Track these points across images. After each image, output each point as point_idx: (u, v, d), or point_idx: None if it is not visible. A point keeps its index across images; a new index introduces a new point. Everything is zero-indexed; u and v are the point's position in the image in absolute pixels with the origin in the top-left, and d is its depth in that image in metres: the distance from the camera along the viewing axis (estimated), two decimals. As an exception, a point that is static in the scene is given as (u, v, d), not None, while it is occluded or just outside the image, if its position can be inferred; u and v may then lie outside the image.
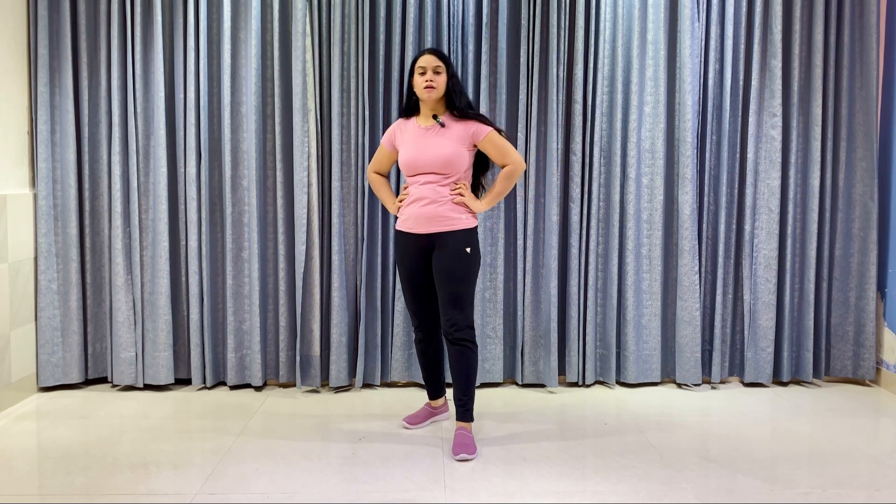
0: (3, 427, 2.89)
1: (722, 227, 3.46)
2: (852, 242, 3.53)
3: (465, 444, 2.62)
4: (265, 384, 3.44)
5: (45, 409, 3.10)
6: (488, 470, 2.50)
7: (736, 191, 3.49)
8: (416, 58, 2.73)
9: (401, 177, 3.29)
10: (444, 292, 2.70)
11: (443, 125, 2.70)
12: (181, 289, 3.40)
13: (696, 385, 3.48)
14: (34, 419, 2.99)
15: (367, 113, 3.30)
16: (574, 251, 3.41)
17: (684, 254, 3.41)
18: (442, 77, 2.68)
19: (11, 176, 3.16)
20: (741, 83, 3.43)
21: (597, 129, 3.37)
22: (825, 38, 3.43)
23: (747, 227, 3.47)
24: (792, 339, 3.54)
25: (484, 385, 3.47)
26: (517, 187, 3.37)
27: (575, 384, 3.48)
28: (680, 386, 3.50)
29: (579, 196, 3.39)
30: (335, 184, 3.32)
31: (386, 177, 2.98)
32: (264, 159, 3.36)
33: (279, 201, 3.33)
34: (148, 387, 3.38)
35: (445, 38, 3.31)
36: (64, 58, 3.24)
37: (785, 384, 3.56)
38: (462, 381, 2.71)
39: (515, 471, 2.49)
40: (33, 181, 3.29)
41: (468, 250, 2.69)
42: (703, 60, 3.41)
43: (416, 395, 3.31)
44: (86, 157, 3.31)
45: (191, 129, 3.29)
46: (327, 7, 3.29)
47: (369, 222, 3.35)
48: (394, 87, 3.31)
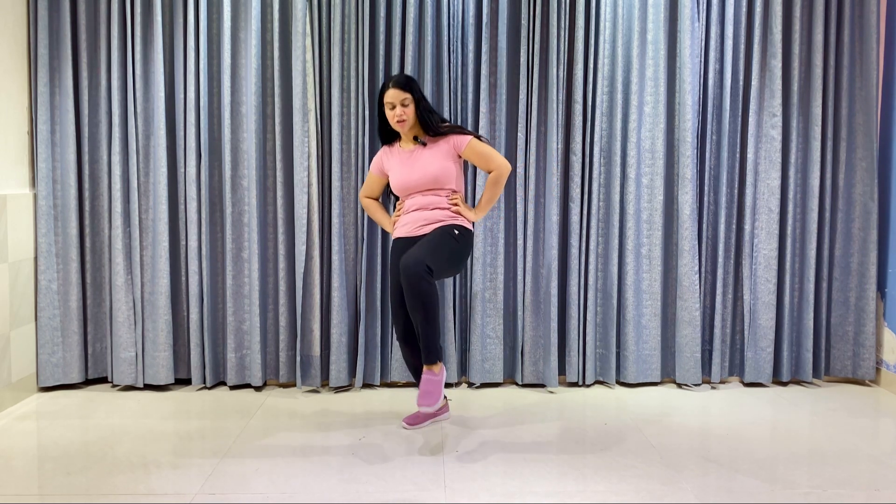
0: (3, 427, 2.89)
1: (722, 227, 3.46)
2: (852, 242, 3.53)
3: (429, 393, 2.56)
4: (265, 384, 3.44)
5: (45, 409, 3.10)
6: (488, 470, 2.50)
7: (736, 191, 3.49)
8: (381, 91, 2.81)
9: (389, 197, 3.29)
10: (414, 250, 2.59)
11: (424, 144, 2.82)
12: (181, 289, 3.40)
13: (696, 385, 3.48)
14: (34, 419, 2.99)
15: (367, 113, 3.30)
16: (574, 251, 3.41)
17: (684, 254, 3.41)
18: (410, 108, 2.77)
19: (11, 176, 3.16)
20: (741, 83, 3.43)
21: (597, 129, 3.37)
22: (825, 38, 3.43)
23: (747, 227, 3.47)
24: (792, 338, 3.54)
25: (484, 385, 3.47)
26: (517, 187, 3.37)
27: (575, 384, 3.48)
28: (680, 386, 3.50)
29: (579, 196, 3.39)
30: (335, 184, 3.32)
31: (377, 200, 3.06)
32: (264, 159, 3.36)
33: (279, 201, 3.33)
34: (148, 387, 3.38)
35: (445, 38, 3.31)
36: (64, 58, 3.24)
37: (785, 384, 3.56)
38: (419, 314, 2.54)
39: (515, 471, 2.49)
40: (33, 181, 3.29)
41: (456, 233, 2.74)
42: (703, 60, 3.41)
43: (416, 396, 3.30)
44: (86, 157, 3.31)
45: (191, 129, 3.29)
46: (327, 7, 3.29)
47: (369, 222, 3.35)
48: (394, 87, 3.32)
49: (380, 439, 2.78)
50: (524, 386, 3.49)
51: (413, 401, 3.20)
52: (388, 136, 2.93)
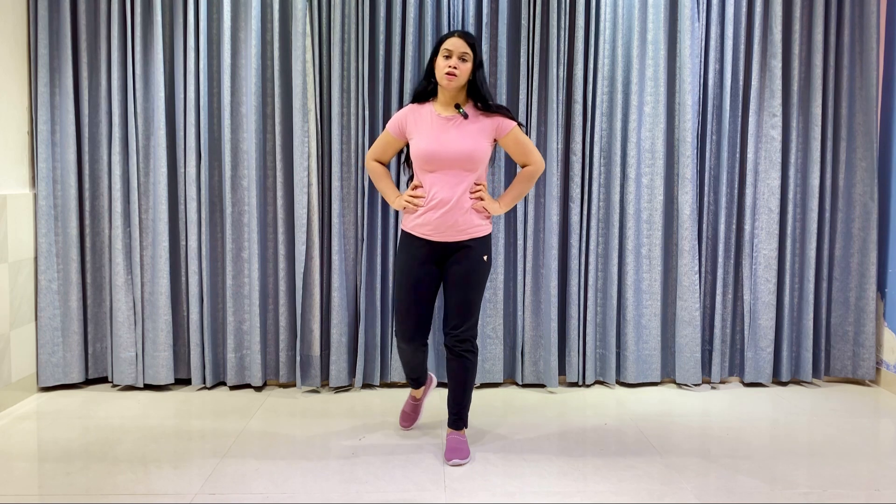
0: (3, 427, 2.89)
1: (722, 227, 3.46)
2: (852, 242, 3.53)
3: (459, 449, 2.58)
4: (265, 384, 3.44)
5: (45, 409, 3.10)
6: (488, 470, 2.50)
7: (736, 191, 3.49)
8: (443, 38, 2.50)
9: (400, 166, 3.29)
10: (456, 299, 2.56)
11: (466, 116, 2.52)
12: (181, 289, 3.40)
13: (696, 385, 3.48)
14: (34, 419, 2.99)
15: (367, 113, 3.30)
16: (574, 251, 3.41)
17: (684, 254, 3.41)
18: (467, 65, 2.48)
19: (11, 176, 3.16)
20: (741, 83, 3.43)
21: (597, 129, 3.37)
22: (825, 38, 3.43)
23: (747, 227, 3.47)
24: (792, 339, 3.54)
25: (484, 385, 3.47)
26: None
27: (575, 384, 3.48)
28: (680, 386, 3.50)
29: (579, 196, 3.39)
30: (335, 184, 3.32)
31: (387, 166, 2.77)
32: (264, 159, 3.36)
33: (279, 201, 3.33)
34: (148, 387, 3.38)
35: (445, 38, 3.31)
36: (64, 58, 3.24)
37: (785, 384, 3.56)
38: (459, 391, 2.63)
39: (515, 471, 2.49)
40: (33, 181, 3.29)
41: (485, 258, 2.60)
42: (703, 60, 3.41)
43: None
44: (86, 157, 3.31)
45: (191, 129, 3.29)
46: (327, 7, 3.29)
47: (369, 222, 3.35)
48: (394, 87, 3.31)
49: (380, 439, 2.78)
50: (524, 386, 3.49)
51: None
52: (423, 98, 2.60)
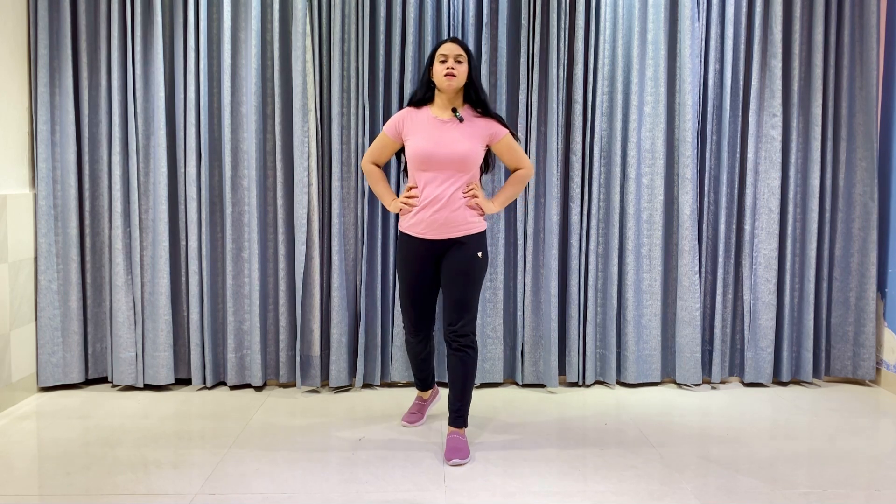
0: (3, 427, 2.89)
1: (722, 227, 3.46)
2: (852, 242, 3.53)
3: (459, 449, 2.59)
4: (265, 384, 3.44)
5: (45, 409, 3.10)
6: (488, 470, 2.50)
7: (736, 191, 3.49)
8: (436, 46, 2.65)
9: (399, 176, 3.29)
10: (453, 296, 2.63)
11: (461, 119, 2.61)
12: (181, 289, 3.40)
13: (696, 385, 3.48)
14: (34, 419, 2.99)
15: (367, 113, 3.30)
16: (574, 251, 3.41)
17: (684, 254, 3.41)
18: (463, 67, 2.59)
19: (11, 176, 3.16)
20: (741, 83, 3.43)
21: (597, 129, 3.37)
22: (825, 38, 3.43)
23: (747, 227, 3.47)
24: (792, 339, 3.54)
25: (484, 385, 3.47)
26: (517, 187, 3.37)
27: (575, 384, 3.48)
28: (680, 386, 3.50)
29: (579, 196, 3.39)
30: (335, 184, 3.32)
31: (381, 168, 2.83)
32: (264, 159, 3.36)
33: (279, 201, 3.33)
34: (148, 387, 3.38)
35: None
36: (64, 58, 3.24)
37: (785, 384, 3.56)
38: (459, 387, 2.66)
39: (515, 471, 2.49)
40: (33, 181, 3.29)
41: (480, 255, 2.65)
42: (703, 60, 3.41)
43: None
44: (86, 157, 3.31)
45: (191, 129, 3.29)
46: (327, 7, 3.29)
47: (369, 222, 3.35)
48: (394, 87, 3.31)
49: (380, 439, 2.78)
50: (524, 386, 3.49)
51: (412, 400, 3.20)
52: (420, 103, 2.70)
